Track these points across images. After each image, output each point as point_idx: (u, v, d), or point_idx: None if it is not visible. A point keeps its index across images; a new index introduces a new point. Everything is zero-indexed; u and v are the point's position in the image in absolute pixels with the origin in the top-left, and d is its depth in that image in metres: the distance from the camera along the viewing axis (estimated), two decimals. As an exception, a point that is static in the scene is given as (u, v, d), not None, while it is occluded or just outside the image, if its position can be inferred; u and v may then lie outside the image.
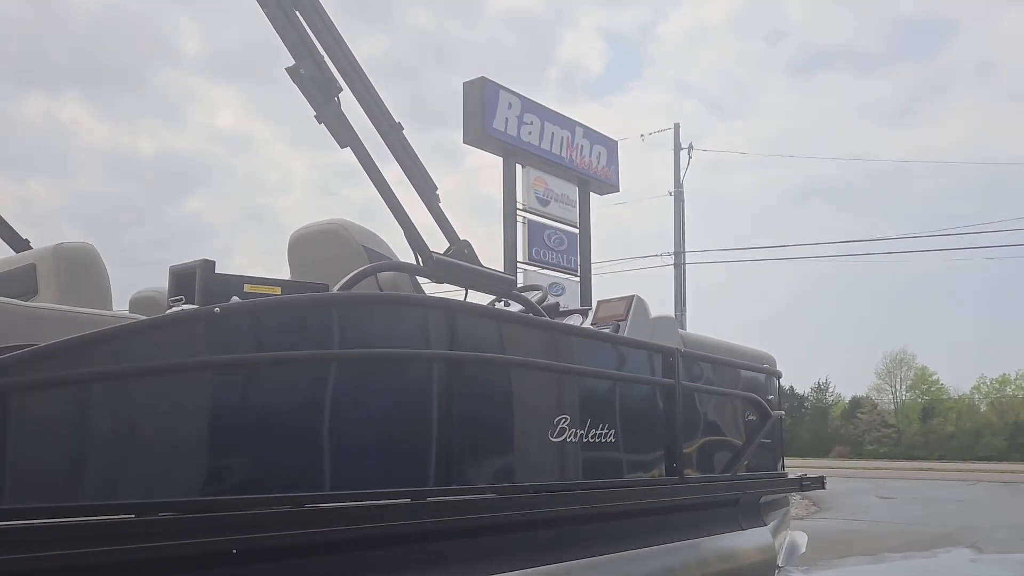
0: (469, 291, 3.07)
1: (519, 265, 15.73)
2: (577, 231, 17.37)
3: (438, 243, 2.93)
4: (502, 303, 3.75)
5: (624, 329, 3.93)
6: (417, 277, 3.05)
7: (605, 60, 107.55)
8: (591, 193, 17.49)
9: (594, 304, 4.23)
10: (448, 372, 2.71)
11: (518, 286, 3.25)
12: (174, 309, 2.15)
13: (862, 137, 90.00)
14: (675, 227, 22.83)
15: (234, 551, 2.10)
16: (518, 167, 16.10)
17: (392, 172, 2.78)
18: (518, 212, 16.11)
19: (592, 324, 4.06)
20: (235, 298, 2.27)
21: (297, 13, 2.51)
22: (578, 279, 17.18)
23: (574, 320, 4.04)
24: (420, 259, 2.86)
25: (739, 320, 71.76)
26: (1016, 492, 23.70)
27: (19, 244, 3.74)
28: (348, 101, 2.73)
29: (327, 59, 2.63)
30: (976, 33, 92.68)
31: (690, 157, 23.97)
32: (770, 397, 5.00)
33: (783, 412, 5.12)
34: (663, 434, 3.94)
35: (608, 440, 3.55)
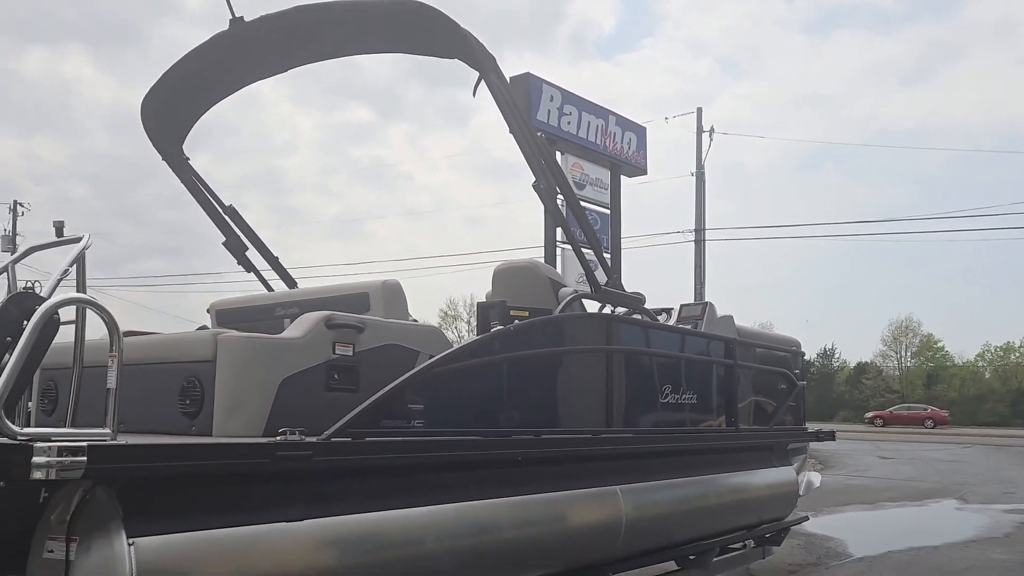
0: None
1: (557, 244, 17.34)
2: (608, 212, 18.89)
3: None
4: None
5: (701, 326, 5.75)
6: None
7: (617, 17, 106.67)
8: (621, 176, 19.01)
9: (677, 307, 6.04)
10: (610, 359, 4.52)
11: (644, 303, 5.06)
12: (517, 323, 3.97)
13: (878, 100, 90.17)
14: (696, 206, 24.52)
15: (520, 458, 3.92)
16: (558, 155, 17.66)
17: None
18: (558, 196, 17.69)
19: (677, 321, 5.86)
20: (500, 324, 4.07)
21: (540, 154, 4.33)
22: (608, 256, 18.83)
23: (663, 318, 5.82)
24: (593, 288, 4.66)
25: (746, 285, 73.33)
26: (1008, 454, 25.62)
27: (291, 282, 5.60)
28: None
29: (551, 176, 4.39)
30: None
31: (711, 139, 25.56)
32: (796, 371, 6.83)
33: (805, 383, 6.94)
34: (725, 398, 5.75)
35: (692, 402, 5.37)
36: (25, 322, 2.49)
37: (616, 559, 4.63)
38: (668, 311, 6.02)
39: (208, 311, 5.26)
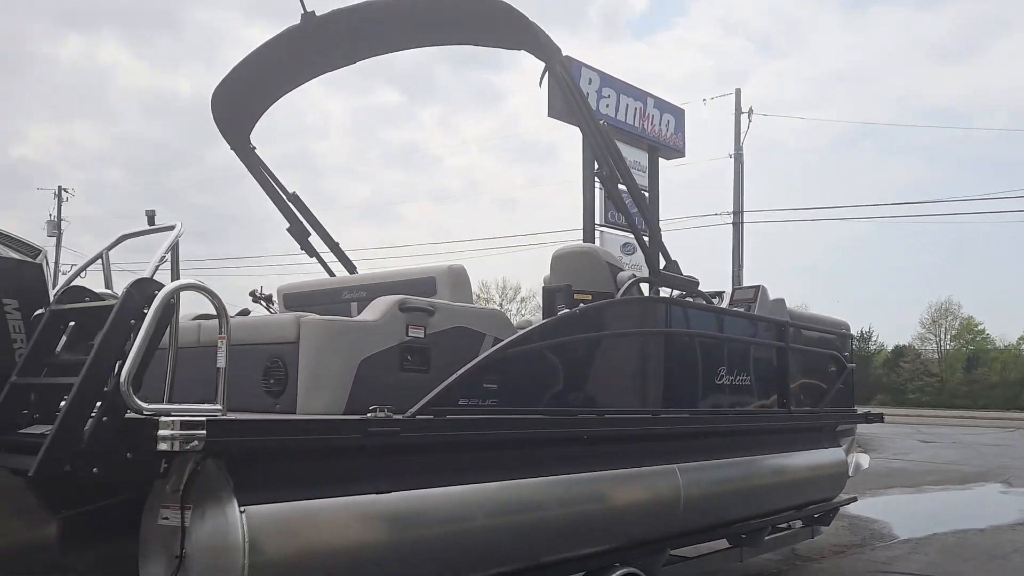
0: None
1: (596, 227, 17.39)
2: (647, 195, 18.89)
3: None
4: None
5: (754, 309, 5.85)
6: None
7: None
8: (659, 159, 18.96)
9: (729, 290, 6.15)
10: (669, 341, 4.66)
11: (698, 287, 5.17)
12: (581, 306, 4.12)
13: (917, 77, 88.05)
14: (734, 188, 24.42)
15: (585, 436, 4.08)
16: (597, 137, 17.67)
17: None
18: (596, 179, 17.70)
19: (729, 305, 5.96)
20: (566, 307, 4.21)
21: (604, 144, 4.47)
22: (647, 239, 18.83)
23: (715, 301, 5.93)
24: (652, 272, 4.79)
25: (782, 267, 72.53)
26: (1053, 438, 25.30)
27: (351, 267, 5.79)
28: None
29: (611, 165, 4.52)
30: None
31: (750, 121, 25.34)
32: (845, 353, 6.89)
33: (854, 365, 6.99)
34: (777, 379, 5.85)
35: (746, 383, 5.48)
36: (146, 308, 2.69)
37: (674, 534, 4.78)
38: (719, 294, 6.12)
39: (274, 295, 5.47)
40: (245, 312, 5.25)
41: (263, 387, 3.66)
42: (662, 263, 4.83)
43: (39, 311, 3.19)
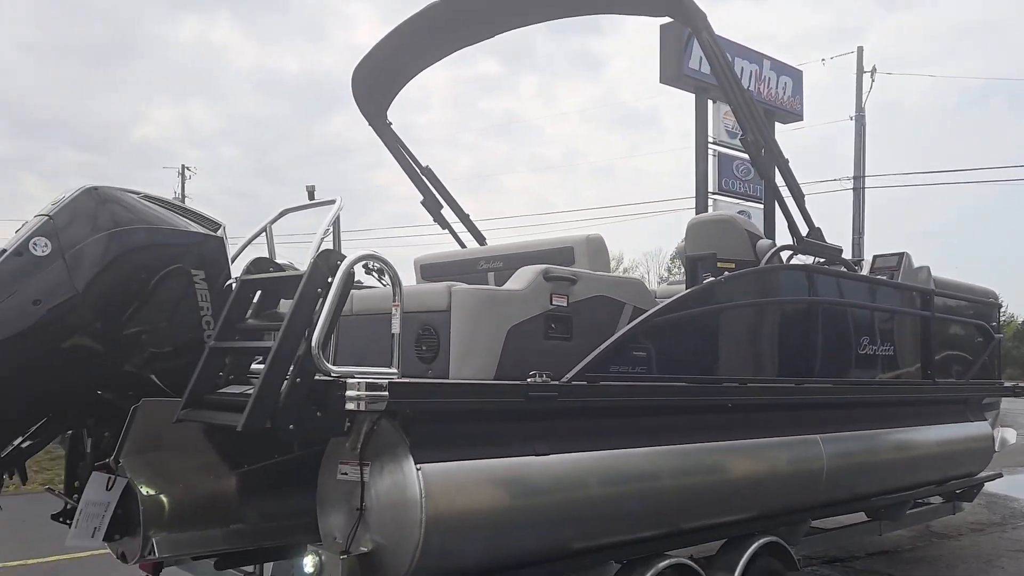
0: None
1: (710, 195, 17.00)
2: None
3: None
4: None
5: (897, 277, 5.65)
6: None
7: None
8: (776, 123, 18.31)
9: (869, 258, 5.96)
10: (812, 310, 4.58)
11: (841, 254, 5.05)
12: (726, 274, 4.13)
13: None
14: (855, 152, 23.31)
15: (729, 404, 4.08)
16: (710, 103, 17.20)
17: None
18: (709, 145, 17.27)
19: (870, 273, 5.78)
20: (711, 276, 4.19)
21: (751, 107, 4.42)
22: (762, 207, 18.27)
23: (856, 270, 5.77)
24: (795, 240, 4.71)
25: (908, 234, 68.75)
26: None
27: (481, 239, 5.92)
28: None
29: (756, 130, 4.46)
30: None
31: (872, 81, 24.10)
32: (992, 324, 6.57)
33: (1003, 335, 6.66)
34: (921, 350, 5.65)
35: (889, 353, 5.32)
36: (330, 277, 2.87)
37: (817, 504, 4.73)
38: (859, 262, 5.94)
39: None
40: (358, 284, 5.47)
41: (415, 353, 3.83)
42: (804, 230, 4.73)
43: (230, 280, 3.43)
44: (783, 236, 5.03)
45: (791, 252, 4.77)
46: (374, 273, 5.83)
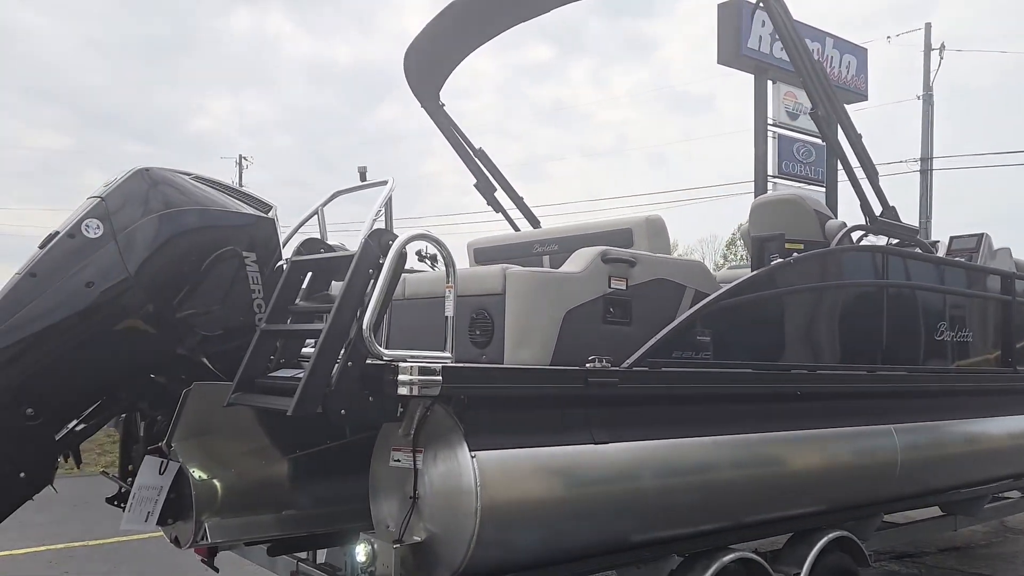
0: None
1: (769, 179, 16.53)
2: (825, 144, 17.72)
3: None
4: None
5: (977, 259, 5.34)
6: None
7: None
8: (839, 104, 17.72)
9: (946, 240, 5.64)
10: (886, 293, 4.33)
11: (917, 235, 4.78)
12: (795, 255, 3.94)
13: None
14: (922, 133, 22.42)
15: (798, 392, 3.87)
16: (769, 84, 16.68)
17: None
18: (769, 127, 16.77)
19: (948, 255, 5.48)
20: (780, 257, 3.98)
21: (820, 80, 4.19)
22: (824, 189, 17.70)
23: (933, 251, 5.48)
24: (868, 220, 4.46)
25: (977, 218, 66.08)
26: None
27: (535, 222, 5.78)
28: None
29: (828, 104, 4.23)
30: None
31: (941, 58, 23.13)
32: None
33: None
34: (1002, 336, 5.33)
35: (967, 339, 5.03)
36: (382, 258, 2.77)
37: (890, 499, 4.49)
38: (935, 244, 5.63)
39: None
40: (409, 270, 5.37)
41: (469, 338, 3.72)
42: (877, 210, 4.48)
43: (280, 262, 3.37)
44: (847, 217, 4.82)
45: (863, 232, 4.51)
46: (427, 260, 5.75)
